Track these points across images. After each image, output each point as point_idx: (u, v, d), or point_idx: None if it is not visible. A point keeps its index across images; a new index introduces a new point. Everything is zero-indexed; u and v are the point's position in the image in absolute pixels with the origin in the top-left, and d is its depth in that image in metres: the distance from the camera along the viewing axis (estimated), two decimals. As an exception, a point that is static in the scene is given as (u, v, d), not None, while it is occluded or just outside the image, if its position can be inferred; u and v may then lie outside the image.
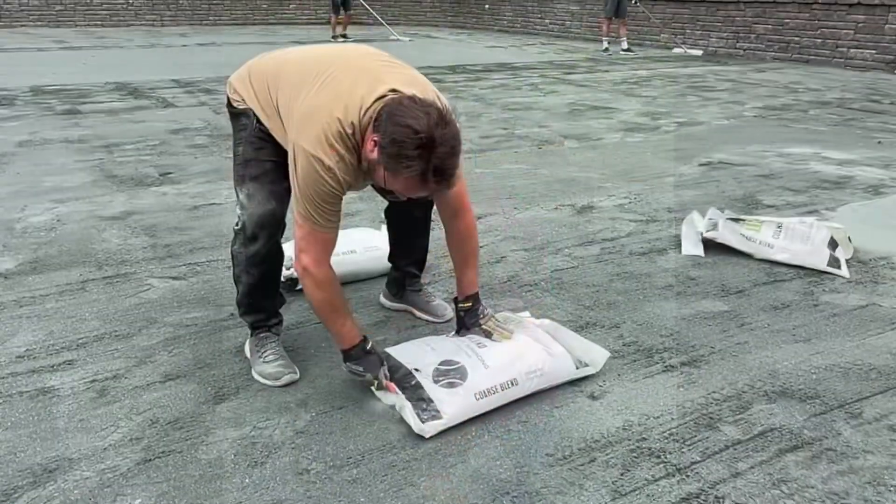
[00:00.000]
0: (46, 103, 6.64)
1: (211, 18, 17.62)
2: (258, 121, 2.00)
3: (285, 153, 1.93)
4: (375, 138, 1.70)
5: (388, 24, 15.48)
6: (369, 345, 1.98)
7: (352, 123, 1.75)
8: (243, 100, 2.03)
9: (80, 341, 2.29)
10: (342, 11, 13.41)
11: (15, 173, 4.24)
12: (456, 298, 2.18)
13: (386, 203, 2.43)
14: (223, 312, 2.50)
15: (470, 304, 2.14)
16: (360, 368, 1.96)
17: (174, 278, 2.79)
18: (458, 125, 1.71)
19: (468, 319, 2.14)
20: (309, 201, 1.80)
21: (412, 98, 1.71)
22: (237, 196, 2.05)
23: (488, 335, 2.10)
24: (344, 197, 1.88)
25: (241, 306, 2.18)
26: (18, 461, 1.72)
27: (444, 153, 1.64)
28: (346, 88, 1.78)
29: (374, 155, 1.71)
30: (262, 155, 2.01)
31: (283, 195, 2.00)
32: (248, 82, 2.03)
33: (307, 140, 1.76)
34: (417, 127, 1.61)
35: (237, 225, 2.04)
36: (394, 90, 1.77)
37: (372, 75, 1.82)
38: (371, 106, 1.75)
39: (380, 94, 1.76)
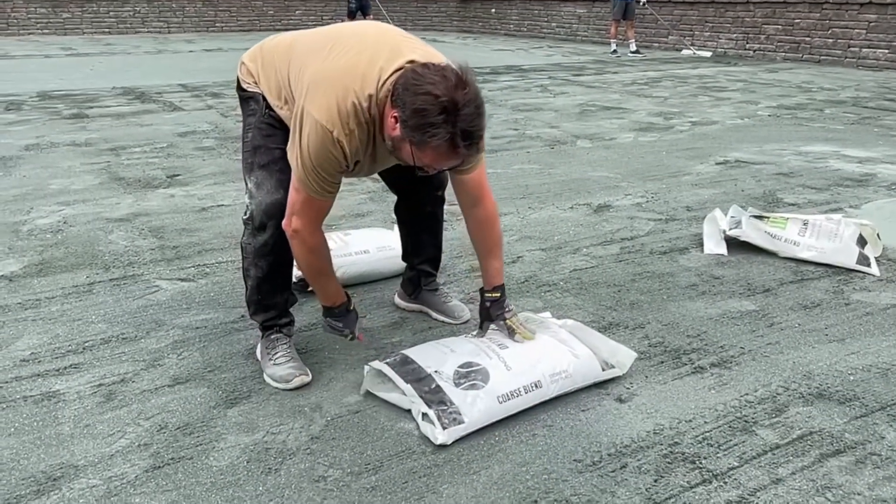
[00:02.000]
0: (53, 108, 6.60)
1: (217, 25, 17.65)
2: (268, 106, 1.93)
3: None
4: (396, 114, 1.63)
5: (394, 28, 15.45)
6: (352, 304, 2.05)
7: (369, 96, 1.67)
8: (254, 82, 1.96)
9: (87, 344, 2.22)
10: (359, 17, 13.54)
11: (21, 176, 4.19)
12: (482, 289, 2.08)
13: (395, 199, 2.35)
14: (233, 314, 2.43)
15: (498, 294, 2.04)
16: (340, 325, 2.03)
17: (182, 280, 2.72)
18: (477, 85, 1.62)
19: (494, 311, 2.04)
20: (309, 170, 1.73)
21: (425, 65, 1.63)
22: (246, 184, 1.97)
23: (511, 332, 2.01)
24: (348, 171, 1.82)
25: (251, 304, 2.09)
26: (22, 468, 1.64)
27: (468, 114, 1.56)
28: (364, 59, 1.71)
29: (397, 132, 1.64)
30: (270, 142, 1.93)
31: (287, 183, 1.91)
32: (259, 62, 1.96)
33: (318, 108, 1.67)
34: (437, 92, 1.55)
35: (245, 214, 1.97)
36: (412, 62, 1.69)
37: (391, 47, 1.74)
38: (389, 77, 1.67)
39: (398, 65, 1.68)
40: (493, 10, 18.02)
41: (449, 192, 2.28)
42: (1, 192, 3.84)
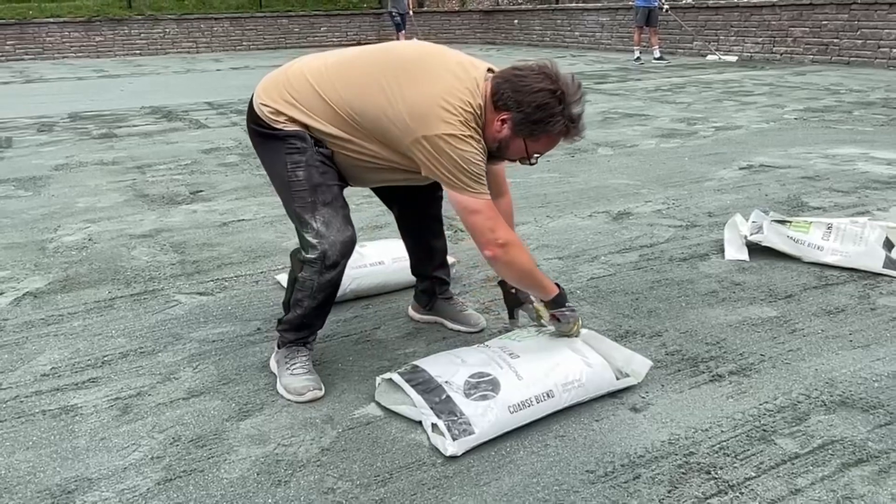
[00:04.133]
0: (83, 128, 6.77)
1: (245, 44, 17.97)
2: (317, 143, 1.90)
3: (343, 177, 1.97)
4: (504, 117, 1.79)
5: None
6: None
7: (479, 105, 1.81)
8: (292, 119, 1.89)
9: (106, 359, 2.25)
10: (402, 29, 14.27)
11: (50, 196, 4.29)
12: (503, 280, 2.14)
13: (396, 213, 2.37)
14: (249, 327, 2.45)
15: None
16: (569, 304, 2.02)
17: (201, 294, 2.75)
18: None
19: (521, 295, 2.13)
20: (476, 179, 1.81)
21: (516, 68, 1.81)
22: (309, 224, 1.90)
23: (538, 317, 2.09)
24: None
25: (289, 324, 2.05)
26: (38, 482, 1.67)
27: (575, 100, 1.78)
28: (458, 74, 1.82)
29: (506, 132, 1.81)
30: (328, 179, 1.92)
31: (351, 219, 1.97)
32: (292, 100, 1.89)
33: (451, 126, 1.76)
34: (550, 87, 1.75)
35: (311, 253, 1.91)
36: (490, 70, 1.86)
37: (465, 62, 1.87)
38: (481, 87, 1.82)
39: (482, 76, 1.83)
40: (516, 21, 18.06)
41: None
42: (30, 212, 3.94)
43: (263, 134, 1.95)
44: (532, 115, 1.76)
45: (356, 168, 1.97)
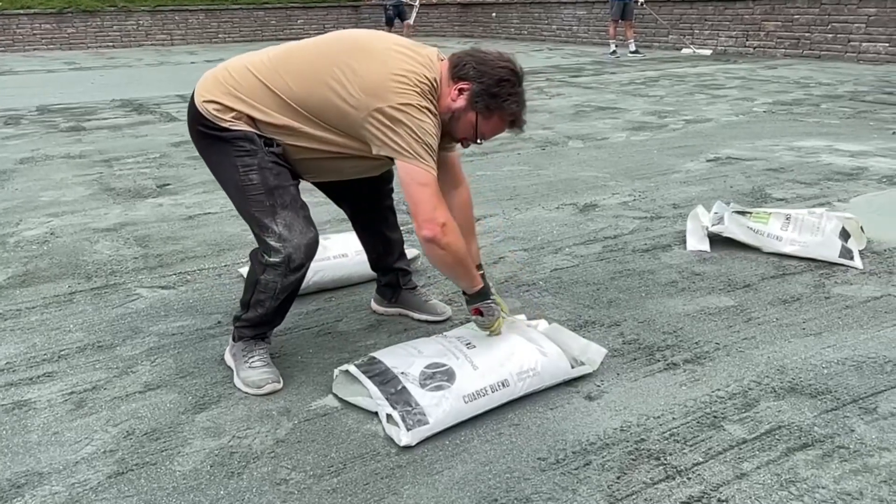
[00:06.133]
0: (51, 121, 6.67)
1: (220, 36, 17.77)
2: (266, 143, 1.88)
3: (296, 173, 1.96)
4: (463, 86, 1.82)
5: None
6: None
7: (435, 79, 1.83)
8: (239, 115, 1.86)
9: (62, 353, 2.23)
10: (397, 23, 14.20)
11: (13, 189, 4.23)
12: None
13: (349, 212, 2.39)
14: (210, 321, 2.43)
15: (482, 272, 2.09)
16: (493, 303, 1.98)
17: (163, 287, 2.73)
18: None
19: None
20: (429, 150, 1.79)
21: (475, 48, 1.90)
22: (270, 228, 1.88)
23: (500, 309, 2.07)
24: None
25: (247, 321, 2.03)
26: (-13, 477, 1.65)
27: (524, 87, 1.87)
28: (406, 55, 1.82)
29: (461, 102, 1.83)
30: (283, 180, 1.90)
31: (312, 219, 1.95)
32: (237, 94, 1.87)
33: (406, 97, 1.76)
34: (512, 67, 1.84)
35: (274, 257, 1.88)
36: (438, 52, 1.92)
37: (412, 43, 1.91)
38: (436, 63, 1.86)
39: (436, 54, 1.89)
40: (494, 15, 18.05)
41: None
42: (-8, 206, 3.88)
43: (209, 136, 1.90)
44: (492, 88, 1.80)
45: (308, 160, 1.96)
